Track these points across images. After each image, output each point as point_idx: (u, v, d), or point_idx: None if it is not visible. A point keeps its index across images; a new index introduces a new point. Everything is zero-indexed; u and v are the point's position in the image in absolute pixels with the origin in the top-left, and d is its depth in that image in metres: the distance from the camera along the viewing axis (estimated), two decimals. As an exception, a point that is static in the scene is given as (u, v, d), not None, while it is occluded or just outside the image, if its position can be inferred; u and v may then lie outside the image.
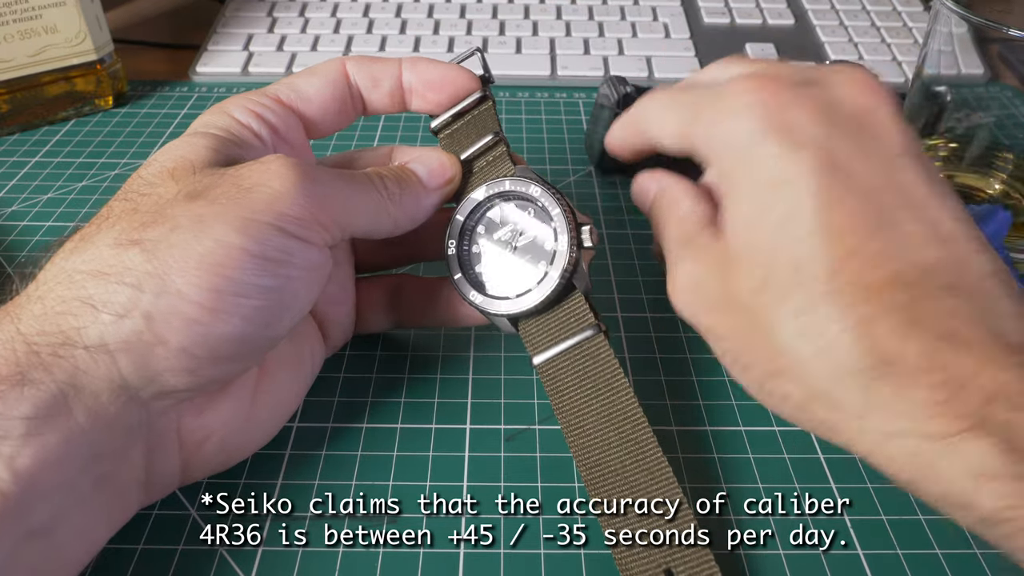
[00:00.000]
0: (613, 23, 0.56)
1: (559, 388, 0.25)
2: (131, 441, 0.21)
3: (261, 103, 0.26)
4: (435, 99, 0.28)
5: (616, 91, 0.38)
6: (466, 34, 0.54)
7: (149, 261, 0.20)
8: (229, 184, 0.22)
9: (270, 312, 0.22)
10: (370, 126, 0.46)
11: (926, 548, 0.24)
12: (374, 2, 0.58)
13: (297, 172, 0.23)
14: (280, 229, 0.22)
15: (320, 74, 0.27)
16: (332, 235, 0.23)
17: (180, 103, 0.49)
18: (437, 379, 0.30)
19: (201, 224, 0.21)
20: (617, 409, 0.24)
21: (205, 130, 0.25)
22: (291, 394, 0.26)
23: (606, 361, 0.25)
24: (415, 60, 0.28)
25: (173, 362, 0.20)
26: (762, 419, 0.28)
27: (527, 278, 0.26)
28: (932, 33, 0.34)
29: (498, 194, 0.27)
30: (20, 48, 0.43)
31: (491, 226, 0.27)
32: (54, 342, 0.20)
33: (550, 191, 0.26)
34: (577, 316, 0.25)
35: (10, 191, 0.40)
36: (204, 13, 0.60)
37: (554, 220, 0.26)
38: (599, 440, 0.24)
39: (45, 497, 0.19)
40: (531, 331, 0.26)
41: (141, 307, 0.20)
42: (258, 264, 0.21)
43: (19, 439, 0.18)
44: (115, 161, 0.43)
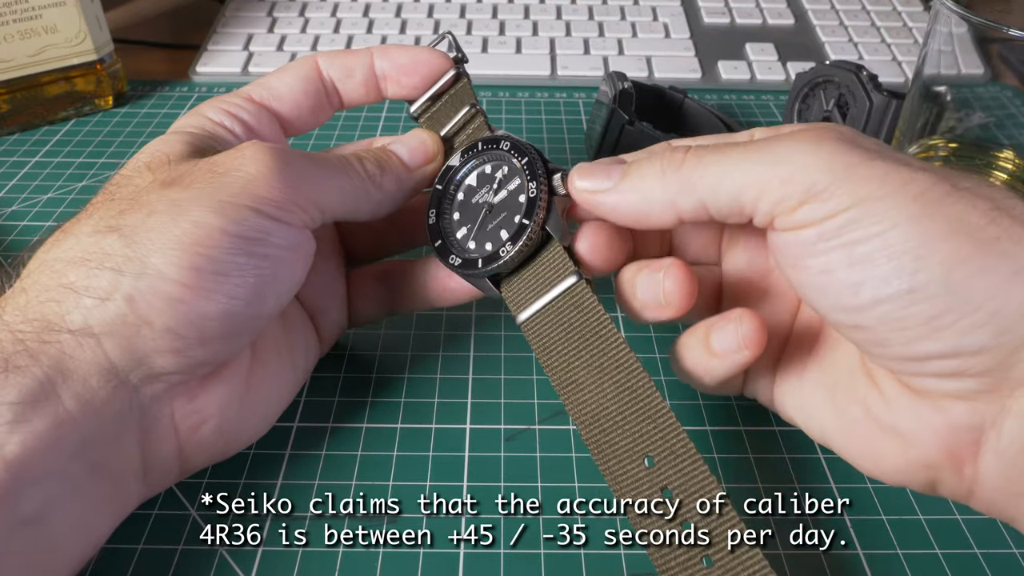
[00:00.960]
0: (613, 23, 0.56)
1: (546, 344, 0.24)
2: (123, 427, 0.21)
3: (234, 103, 0.27)
4: (409, 83, 0.28)
5: (614, 86, 0.38)
6: (466, 34, 0.54)
7: (128, 246, 0.21)
8: (204, 171, 0.22)
9: (252, 290, 0.22)
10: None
11: (926, 548, 0.24)
12: (374, 2, 0.58)
13: (271, 155, 0.23)
14: (257, 211, 0.22)
15: (291, 71, 0.28)
16: (311, 216, 0.23)
17: (180, 103, 0.49)
18: (437, 379, 0.30)
19: (178, 208, 0.21)
20: (609, 358, 0.23)
21: (181, 130, 0.26)
22: (285, 383, 0.26)
23: (591, 309, 0.23)
24: (385, 47, 0.28)
25: (160, 343, 0.21)
26: (762, 419, 0.28)
27: (504, 234, 0.25)
28: (932, 33, 0.34)
29: (472, 156, 0.27)
30: (20, 48, 0.43)
31: (469, 191, 0.27)
32: (38, 328, 0.20)
33: (519, 144, 0.25)
34: (556, 266, 0.24)
35: (10, 191, 0.40)
36: (204, 13, 0.60)
37: (524, 170, 0.25)
38: (594, 392, 0.23)
39: (36, 484, 0.19)
40: (513, 289, 0.25)
41: (122, 289, 0.20)
42: (236, 243, 0.21)
43: (6, 426, 0.19)
44: (115, 161, 0.43)
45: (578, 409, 0.23)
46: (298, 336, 0.27)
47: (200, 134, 0.25)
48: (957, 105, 0.35)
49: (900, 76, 0.50)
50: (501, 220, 0.25)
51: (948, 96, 0.35)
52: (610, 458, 0.22)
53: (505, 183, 0.26)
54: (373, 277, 0.30)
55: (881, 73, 0.45)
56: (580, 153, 0.43)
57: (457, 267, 0.25)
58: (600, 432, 0.23)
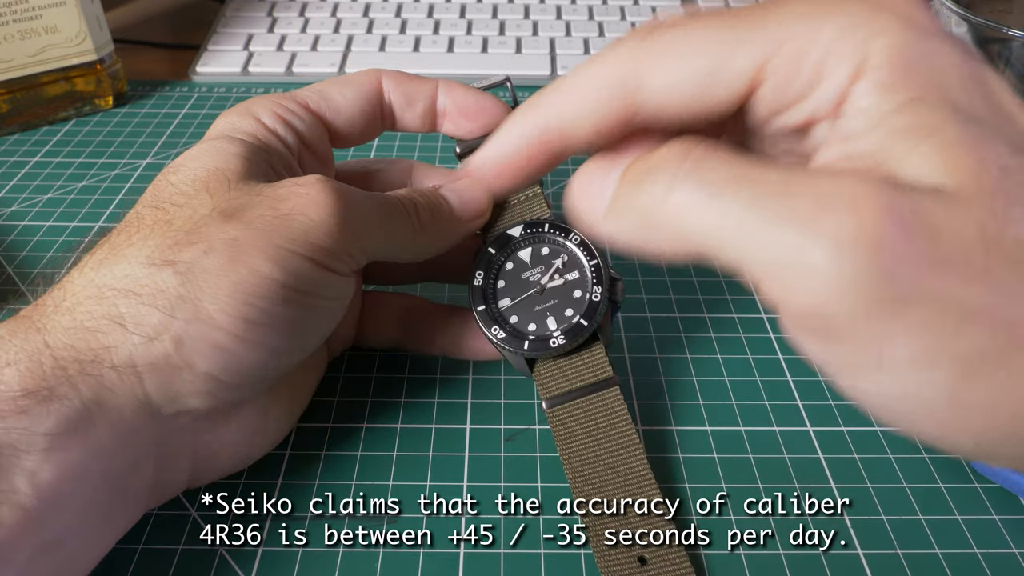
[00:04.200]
0: (613, 23, 0.56)
1: (569, 435, 0.25)
2: (147, 455, 0.21)
3: (289, 108, 0.26)
4: (467, 126, 0.28)
5: None
6: (466, 34, 0.54)
7: (183, 284, 0.20)
8: (266, 206, 0.22)
9: (294, 341, 0.22)
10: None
11: (926, 548, 0.24)
12: (374, 2, 0.58)
13: (334, 200, 0.22)
14: (313, 261, 0.22)
15: (354, 85, 0.27)
16: (358, 261, 0.23)
17: (180, 103, 0.49)
18: (437, 379, 0.30)
19: (236, 249, 0.21)
20: (625, 464, 0.24)
21: (232, 134, 0.25)
22: (297, 402, 0.26)
23: (619, 415, 0.25)
24: (451, 84, 0.28)
25: (198, 385, 0.21)
26: (762, 419, 0.28)
27: (552, 322, 0.26)
28: (932, 33, 0.34)
29: (534, 235, 0.27)
30: (20, 48, 0.43)
31: (520, 265, 0.27)
32: (83, 359, 0.20)
33: (588, 242, 0.26)
34: (595, 366, 0.25)
35: (10, 191, 0.40)
36: (204, 13, 0.60)
37: (590, 271, 0.26)
38: (604, 491, 0.24)
39: (64, 511, 0.19)
40: (546, 375, 0.26)
41: (172, 331, 0.20)
42: (289, 295, 0.21)
43: (42, 454, 0.18)
44: (115, 161, 0.43)
45: (586, 500, 0.24)
46: (311, 357, 0.27)
47: (254, 144, 0.24)
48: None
49: (900, 76, 0.50)
50: (551, 307, 0.26)
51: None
52: (607, 551, 0.23)
53: (563, 272, 0.26)
54: (390, 309, 0.29)
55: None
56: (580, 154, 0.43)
57: (499, 339, 0.26)
58: (603, 526, 0.24)
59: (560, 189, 0.40)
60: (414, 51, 0.53)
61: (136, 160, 0.43)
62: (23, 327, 0.20)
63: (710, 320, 0.32)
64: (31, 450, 0.18)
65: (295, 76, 0.51)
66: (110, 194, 0.40)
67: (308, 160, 0.27)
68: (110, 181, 0.41)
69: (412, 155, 0.44)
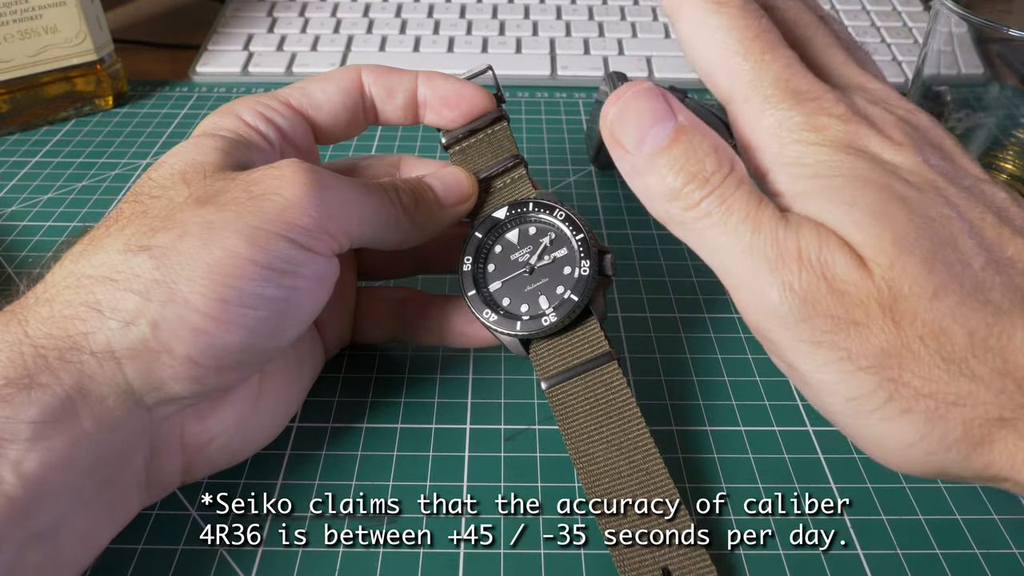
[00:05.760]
0: (613, 23, 0.56)
1: (569, 414, 0.25)
2: (134, 445, 0.21)
3: (270, 106, 0.26)
4: (449, 115, 0.28)
5: (614, 86, 0.38)
6: (466, 34, 0.54)
7: (157, 268, 0.20)
8: (240, 190, 0.22)
9: (275, 323, 0.22)
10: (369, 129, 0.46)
11: (926, 548, 0.24)
12: (374, 2, 0.58)
13: (309, 179, 0.22)
14: (289, 239, 0.21)
15: (334, 81, 0.27)
16: (340, 244, 0.23)
17: (180, 103, 0.49)
18: (437, 379, 0.30)
19: (210, 231, 0.21)
20: (628, 438, 0.24)
21: (214, 131, 0.25)
22: (291, 396, 0.26)
23: (619, 389, 0.25)
24: (431, 75, 0.28)
25: (178, 370, 0.20)
26: (762, 419, 0.28)
27: (544, 301, 0.26)
28: (932, 33, 0.34)
29: (520, 215, 0.27)
30: (20, 48, 0.43)
31: (509, 246, 0.27)
32: (61, 346, 0.20)
33: (573, 217, 0.26)
34: (591, 342, 0.25)
35: (10, 191, 0.40)
36: (204, 13, 0.60)
37: (577, 246, 0.26)
38: (609, 469, 0.24)
39: (51, 500, 0.19)
40: (542, 355, 0.26)
41: (148, 315, 0.20)
42: (265, 275, 0.21)
43: (26, 443, 0.18)
44: (115, 161, 0.43)
45: (591, 480, 0.24)
46: (305, 351, 0.27)
47: (234, 139, 0.25)
48: (957, 105, 0.35)
49: (900, 76, 0.50)
50: (541, 286, 0.26)
51: (948, 96, 0.35)
52: (625, 552, 0.23)
53: (551, 250, 0.26)
54: (386, 302, 0.30)
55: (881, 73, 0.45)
56: (580, 153, 0.43)
57: (491, 323, 0.25)
58: (617, 525, 0.24)
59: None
60: (414, 51, 0.53)
61: (136, 160, 0.43)
62: (3, 320, 0.20)
63: (710, 320, 0.32)
64: (15, 439, 0.18)
65: (295, 76, 0.51)
66: (110, 194, 0.40)
67: (291, 156, 0.27)
68: (110, 181, 0.41)
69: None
